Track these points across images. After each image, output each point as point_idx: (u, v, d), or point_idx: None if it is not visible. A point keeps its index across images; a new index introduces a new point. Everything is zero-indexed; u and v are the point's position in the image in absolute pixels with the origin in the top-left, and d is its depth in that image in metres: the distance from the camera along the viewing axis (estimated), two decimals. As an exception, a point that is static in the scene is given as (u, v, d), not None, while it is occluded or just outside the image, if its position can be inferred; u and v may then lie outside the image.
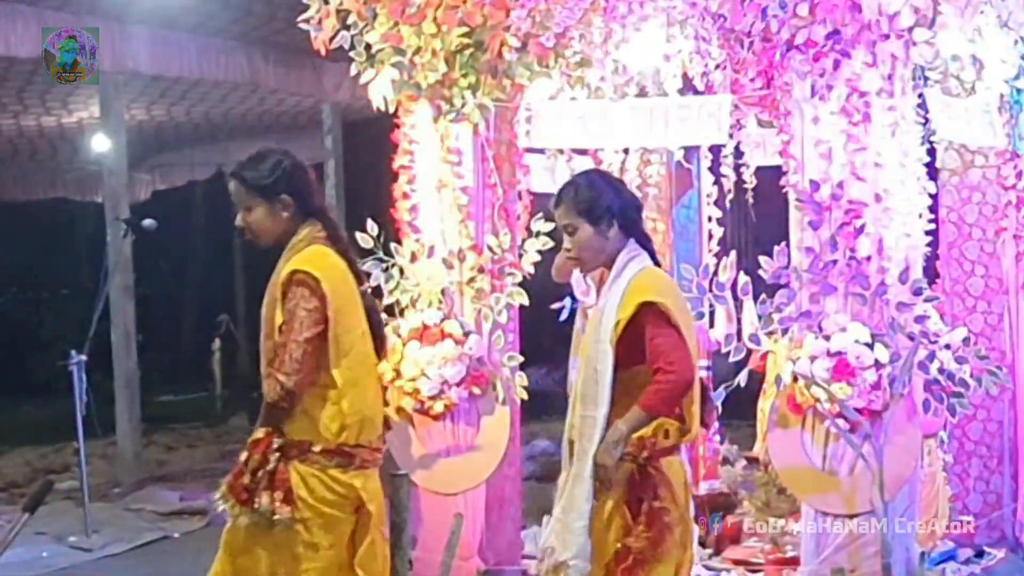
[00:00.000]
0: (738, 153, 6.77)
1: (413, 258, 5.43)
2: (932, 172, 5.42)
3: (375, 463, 3.86)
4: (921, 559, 5.16)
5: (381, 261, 5.42)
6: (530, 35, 5.30)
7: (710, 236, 6.87)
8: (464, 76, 5.33)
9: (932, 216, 5.47)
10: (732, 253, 5.61)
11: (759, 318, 5.11)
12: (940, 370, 4.91)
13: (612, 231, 3.85)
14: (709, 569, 5.60)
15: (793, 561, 5.34)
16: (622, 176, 6.30)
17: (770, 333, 5.03)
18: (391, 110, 5.52)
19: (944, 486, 5.81)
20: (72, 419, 7.44)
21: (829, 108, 4.89)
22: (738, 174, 6.81)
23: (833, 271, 4.87)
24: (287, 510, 3.66)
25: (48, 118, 11.86)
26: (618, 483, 3.75)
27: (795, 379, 4.86)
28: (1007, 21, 5.20)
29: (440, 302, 5.38)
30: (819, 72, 4.87)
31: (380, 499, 3.89)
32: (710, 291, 5.16)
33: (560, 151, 5.96)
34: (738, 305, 5.36)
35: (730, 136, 6.17)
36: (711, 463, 6.78)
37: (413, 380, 5.26)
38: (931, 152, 5.49)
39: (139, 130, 12.12)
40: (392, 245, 5.44)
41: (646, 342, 3.73)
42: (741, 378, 5.19)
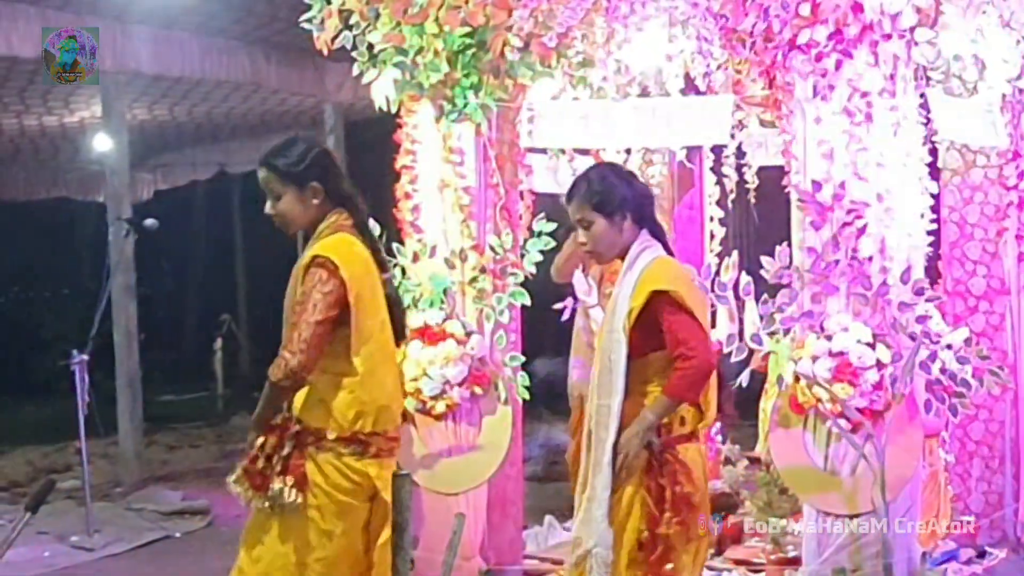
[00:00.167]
0: (740, 153, 6.78)
1: (415, 258, 5.43)
2: (934, 172, 5.42)
3: (391, 452, 3.84)
4: (922, 559, 5.16)
5: (383, 261, 5.42)
6: (532, 35, 5.30)
7: (712, 236, 6.88)
8: (466, 76, 5.33)
9: (934, 216, 5.47)
10: (734, 253, 5.60)
11: (761, 318, 5.12)
12: (942, 370, 4.91)
13: (626, 223, 3.91)
14: (711, 569, 5.58)
15: (794, 561, 5.34)
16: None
17: (772, 333, 5.04)
18: (393, 110, 5.52)
19: (946, 486, 5.81)
20: (74, 419, 7.44)
21: (831, 108, 4.90)
22: (740, 174, 6.82)
23: (835, 271, 4.87)
24: (299, 496, 3.66)
25: (50, 118, 11.86)
26: (635, 471, 3.79)
27: (797, 379, 4.86)
28: (1009, 21, 5.20)
29: (442, 302, 5.39)
30: (821, 72, 4.87)
31: None
32: (712, 291, 5.15)
33: (562, 151, 5.97)
34: (740, 305, 5.37)
35: (732, 136, 6.19)
36: (713, 463, 6.78)
37: (415, 380, 5.26)
38: (933, 152, 5.49)
39: (141, 130, 12.12)
40: (394, 245, 5.44)
41: (663, 330, 3.78)
42: (743, 378, 5.19)
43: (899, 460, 4.74)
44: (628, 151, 6.48)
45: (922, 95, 5.17)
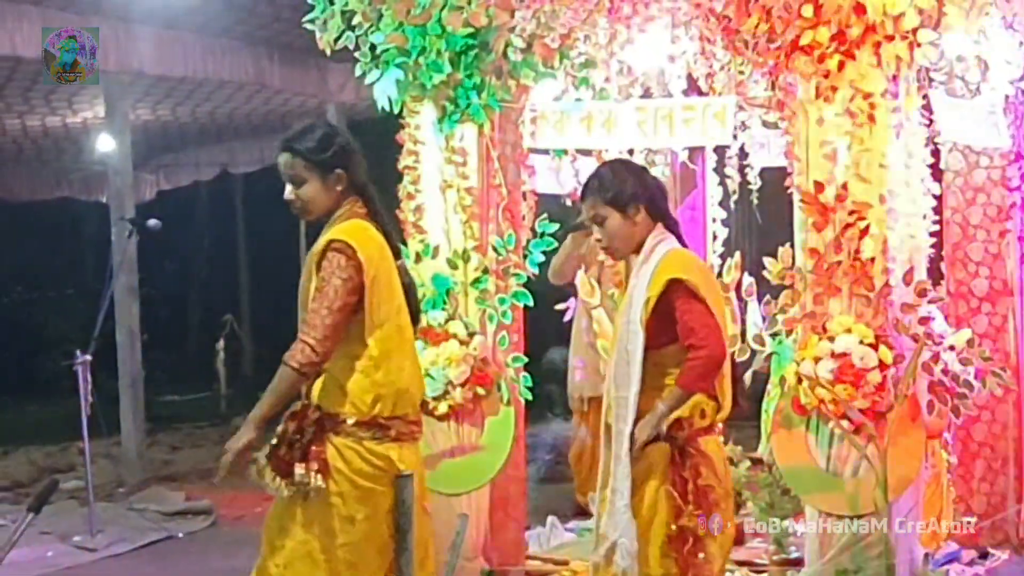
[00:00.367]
0: (743, 154, 6.78)
1: (418, 259, 5.43)
2: (936, 173, 5.42)
3: (412, 436, 3.81)
4: (925, 560, 5.15)
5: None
6: (535, 36, 5.30)
7: (715, 237, 6.87)
8: (469, 77, 5.33)
9: (936, 217, 5.47)
10: (736, 254, 5.61)
11: (763, 319, 5.12)
12: (944, 371, 4.90)
13: (640, 216, 3.95)
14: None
15: (797, 562, 5.34)
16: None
17: (774, 334, 5.04)
18: (396, 111, 5.53)
19: (948, 487, 5.81)
20: (77, 419, 7.45)
21: (833, 109, 4.89)
22: (742, 175, 6.82)
23: (837, 272, 4.87)
24: (322, 481, 3.64)
25: (53, 118, 11.87)
26: (659, 465, 3.80)
27: (799, 380, 4.86)
28: (1012, 22, 5.20)
29: (445, 302, 5.39)
30: (823, 73, 4.87)
31: (419, 471, 3.85)
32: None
33: (565, 152, 5.98)
34: (742, 306, 5.37)
35: (734, 137, 6.18)
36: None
37: (417, 380, 5.26)
38: (935, 153, 5.49)
39: (144, 130, 12.13)
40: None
41: (676, 319, 3.78)
42: (745, 379, 5.19)
43: (901, 461, 4.74)
44: (631, 152, 6.48)
45: (925, 96, 5.18)
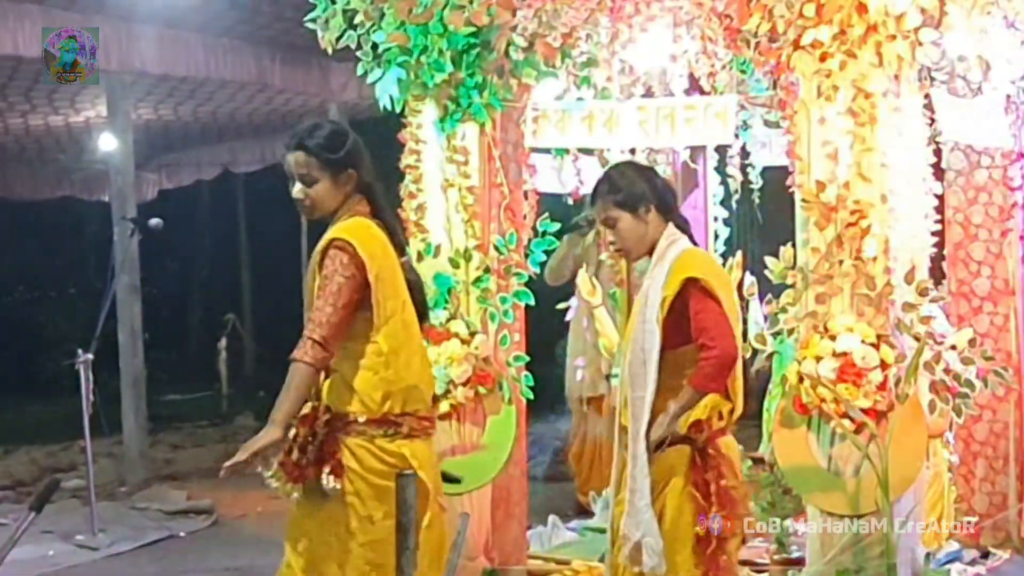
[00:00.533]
0: (744, 153, 6.78)
1: (419, 258, 5.43)
2: (938, 173, 5.42)
3: (424, 432, 3.79)
4: (926, 560, 5.16)
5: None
6: (537, 35, 5.30)
7: (716, 236, 6.87)
8: (471, 76, 5.34)
9: (938, 217, 5.47)
10: (738, 253, 5.60)
11: (765, 318, 5.12)
12: (946, 371, 4.90)
13: (650, 216, 3.96)
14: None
15: (798, 561, 5.34)
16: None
17: (776, 333, 5.04)
18: (398, 110, 5.53)
19: (949, 487, 5.81)
20: (78, 418, 7.45)
21: (835, 109, 4.89)
22: (744, 174, 6.82)
23: (839, 271, 4.87)
24: (337, 482, 3.64)
25: (55, 117, 11.88)
26: (679, 468, 3.85)
27: (801, 379, 4.86)
28: (1014, 22, 5.20)
29: (446, 301, 5.39)
30: (825, 73, 4.87)
31: (433, 467, 3.83)
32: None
33: (566, 151, 5.98)
34: (744, 305, 5.36)
35: (736, 136, 6.18)
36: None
37: (419, 379, 5.26)
38: (937, 153, 5.49)
39: (146, 129, 12.14)
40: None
41: (691, 317, 3.79)
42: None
43: (903, 461, 4.74)
44: (632, 151, 6.48)
45: (926, 96, 5.17)
